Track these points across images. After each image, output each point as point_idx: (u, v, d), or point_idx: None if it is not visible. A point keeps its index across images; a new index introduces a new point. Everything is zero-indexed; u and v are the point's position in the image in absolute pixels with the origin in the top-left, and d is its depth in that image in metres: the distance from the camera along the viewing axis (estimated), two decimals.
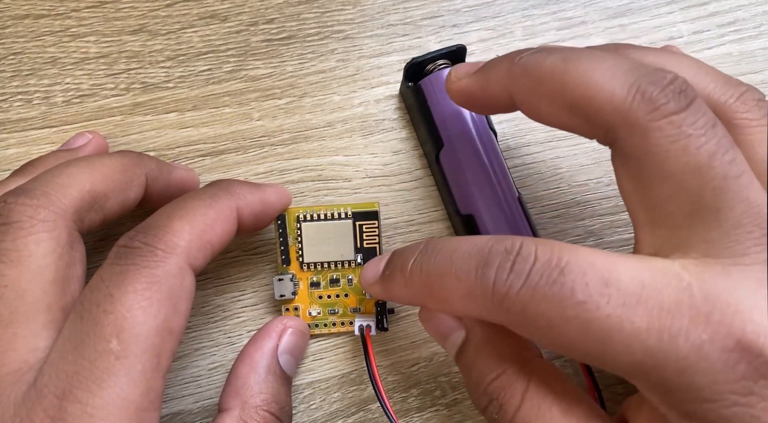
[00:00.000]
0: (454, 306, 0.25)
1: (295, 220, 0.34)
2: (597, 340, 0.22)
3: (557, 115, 0.25)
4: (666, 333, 0.21)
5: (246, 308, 0.36)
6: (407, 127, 0.38)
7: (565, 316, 0.22)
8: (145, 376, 0.24)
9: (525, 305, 0.23)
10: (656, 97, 0.23)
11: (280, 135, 0.38)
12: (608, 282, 0.22)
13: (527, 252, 0.23)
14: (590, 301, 0.22)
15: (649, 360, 0.22)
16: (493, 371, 0.27)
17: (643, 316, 0.22)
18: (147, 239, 0.26)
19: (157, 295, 0.25)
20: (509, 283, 0.23)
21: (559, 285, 0.22)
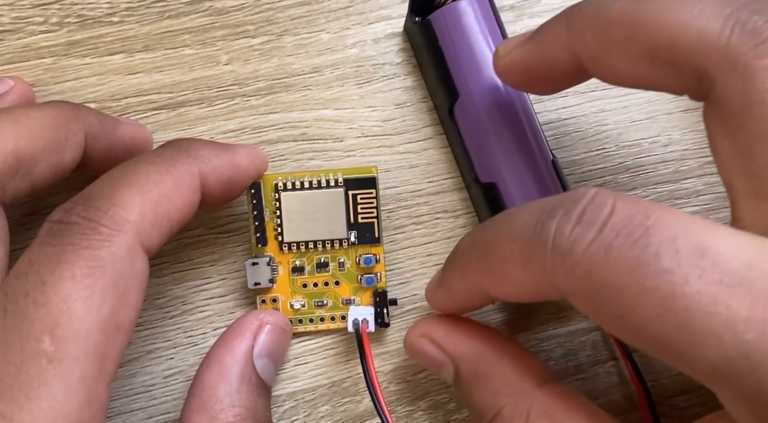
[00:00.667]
0: (513, 281, 0.25)
1: (273, 189, 0.34)
2: (678, 324, 0.21)
3: (637, 69, 0.25)
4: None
5: (212, 300, 0.36)
6: (413, 74, 0.38)
7: (643, 287, 0.21)
8: (86, 384, 0.24)
9: (592, 267, 0.22)
10: (762, 27, 0.22)
11: (254, 83, 0.37)
12: (705, 252, 0.21)
13: (602, 201, 0.23)
14: (678, 272, 0.21)
15: (742, 359, 0.21)
16: (488, 411, 0.28)
17: (745, 301, 0.21)
18: (88, 213, 0.26)
19: (100, 283, 0.25)
20: (574, 236, 0.23)
21: (642, 247, 0.21)
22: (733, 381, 0.21)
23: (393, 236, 0.37)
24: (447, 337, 0.31)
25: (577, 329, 0.37)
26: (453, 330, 0.31)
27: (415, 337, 0.32)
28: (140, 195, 0.27)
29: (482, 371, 0.29)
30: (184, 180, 0.29)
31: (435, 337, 0.31)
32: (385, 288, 0.35)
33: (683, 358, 0.21)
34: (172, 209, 0.28)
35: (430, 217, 0.37)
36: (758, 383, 0.21)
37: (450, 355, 0.30)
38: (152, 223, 0.27)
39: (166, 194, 0.28)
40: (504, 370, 0.29)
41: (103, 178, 0.28)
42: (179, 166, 0.29)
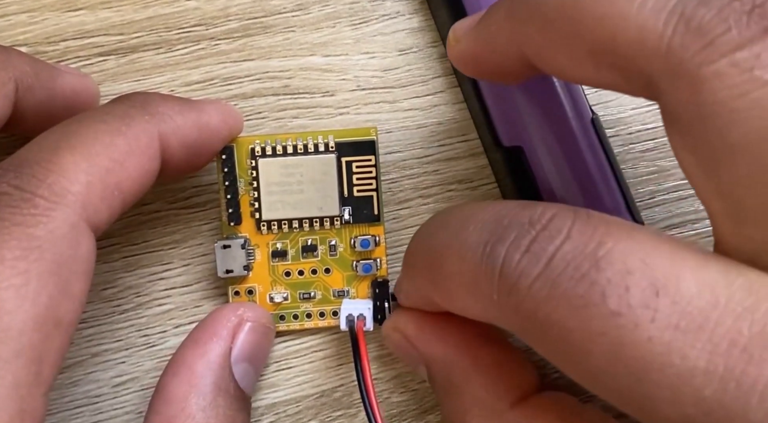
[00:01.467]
0: (457, 300, 0.26)
1: (249, 155, 0.35)
2: (630, 375, 0.21)
3: (583, 70, 0.25)
4: (734, 382, 0.20)
5: (172, 291, 0.36)
6: (421, 12, 0.38)
7: (590, 331, 0.22)
8: (18, 393, 0.24)
9: (538, 305, 0.23)
10: (709, 23, 0.22)
11: (225, 23, 0.37)
12: (661, 289, 0.21)
13: (558, 226, 0.23)
14: (627, 315, 0.21)
15: (703, 418, 0.21)
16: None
17: (704, 349, 0.21)
18: (20, 181, 0.25)
19: (36, 268, 0.24)
20: (521, 268, 0.23)
21: (588, 283, 0.22)
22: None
23: (395, 212, 0.37)
24: (419, 334, 0.32)
25: None
26: (426, 327, 0.32)
27: (388, 330, 0.33)
28: (86, 160, 0.27)
29: (453, 382, 0.30)
30: (141, 142, 0.29)
31: (407, 334, 0.32)
32: (386, 277, 0.35)
33: (642, 412, 0.22)
34: (125, 178, 0.28)
35: (440, 189, 0.37)
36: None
37: (422, 356, 0.31)
38: (100, 194, 0.27)
39: (118, 160, 0.28)
40: (476, 386, 0.29)
41: (39, 139, 0.28)
42: (134, 125, 0.29)
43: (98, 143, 0.28)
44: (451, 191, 0.37)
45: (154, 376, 0.35)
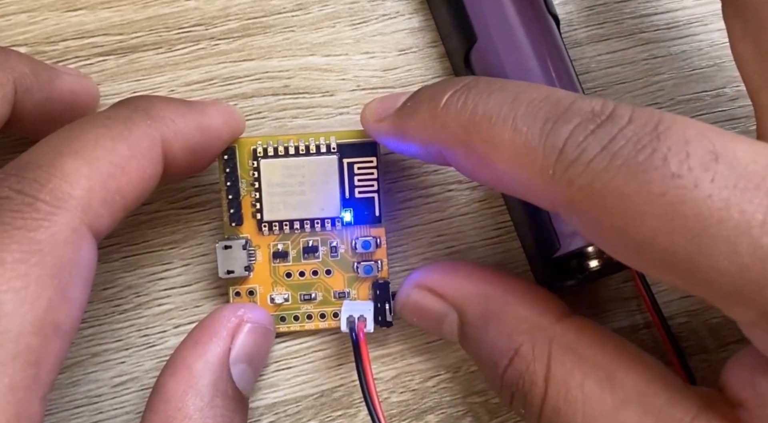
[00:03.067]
0: (496, 161, 0.26)
1: (251, 155, 0.34)
2: (688, 233, 0.22)
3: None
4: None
5: (172, 291, 0.36)
6: (421, 12, 0.38)
7: (649, 194, 0.23)
8: (15, 396, 0.24)
9: (595, 176, 0.24)
10: None
11: (225, 23, 0.37)
12: (719, 156, 0.23)
13: (621, 114, 0.24)
14: (688, 176, 0.22)
15: (760, 266, 0.22)
16: (503, 355, 0.29)
17: (761, 204, 0.22)
18: (22, 185, 0.25)
19: (36, 272, 0.24)
20: (584, 146, 0.24)
21: (650, 151, 0.23)
22: (751, 294, 0.22)
23: (395, 213, 0.37)
24: (445, 281, 0.32)
25: (622, 327, 0.37)
26: (451, 273, 0.33)
27: (408, 291, 0.33)
28: (87, 165, 0.27)
29: (491, 312, 0.30)
30: (142, 147, 0.29)
31: (432, 285, 0.32)
32: (387, 278, 0.35)
33: (694, 272, 0.23)
34: (127, 183, 0.28)
35: (440, 189, 0.37)
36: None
37: (451, 301, 0.32)
38: (102, 199, 0.27)
39: (120, 164, 0.28)
40: (518, 307, 0.30)
41: (42, 144, 0.28)
42: (136, 129, 0.29)
43: (100, 148, 0.28)
44: (451, 191, 0.37)
45: (154, 376, 0.34)
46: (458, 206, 0.37)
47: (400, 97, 0.31)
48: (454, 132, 0.27)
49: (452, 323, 0.31)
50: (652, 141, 0.23)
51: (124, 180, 0.28)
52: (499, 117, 0.26)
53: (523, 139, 0.25)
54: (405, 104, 0.30)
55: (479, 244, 0.37)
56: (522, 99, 0.26)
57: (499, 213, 0.37)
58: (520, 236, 0.37)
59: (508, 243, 0.37)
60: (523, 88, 0.26)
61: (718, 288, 0.23)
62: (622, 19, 0.38)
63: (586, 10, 0.37)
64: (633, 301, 0.37)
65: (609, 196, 0.23)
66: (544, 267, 0.35)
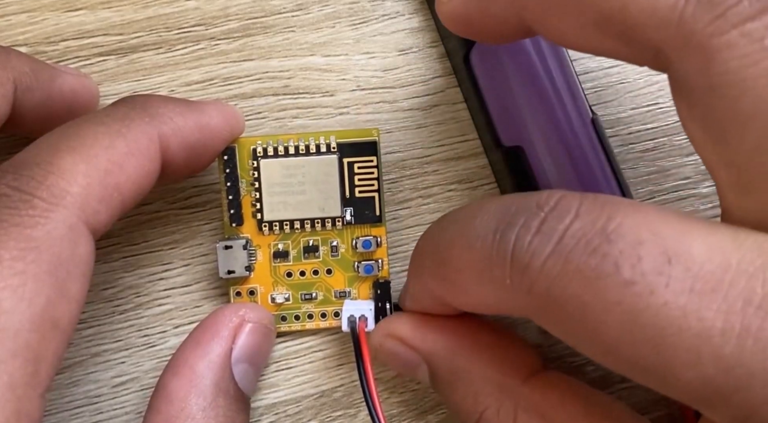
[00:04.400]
0: (469, 293, 0.27)
1: (251, 155, 0.34)
2: (648, 343, 0.22)
3: (586, 38, 0.26)
4: (751, 339, 0.21)
5: (172, 291, 0.36)
6: (421, 12, 0.38)
7: (605, 302, 0.22)
8: (14, 394, 0.24)
9: (552, 282, 0.23)
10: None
11: (225, 23, 0.37)
12: (673, 257, 0.22)
13: (566, 207, 0.24)
14: (641, 282, 0.22)
15: (724, 377, 0.21)
16: (469, 415, 0.30)
17: (720, 310, 0.21)
18: (19, 182, 0.25)
19: (34, 269, 0.24)
20: (533, 248, 0.24)
21: (600, 256, 0.22)
22: (720, 402, 0.22)
23: (395, 213, 0.37)
24: (414, 333, 0.32)
25: None
26: (421, 325, 0.32)
27: (380, 339, 0.33)
28: (85, 162, 0.27)
29: (459, 369, 0.30)
30: (140, 144, 0.29)
31: (401, 335, 0.32)
32: (388, 278, 0.35)
33: (661, 380, 0.22)
34: (125, 180, 0.28)
35: (440, 189, 0.37)
36: (746, 403, 0.21)
37: (422, 354, 0.31)
38: (99, 196, 0.27)
39: (117, 161, 0.28)
40: (483, 366, 0.30)
41: (39, 141, 0.28)
42: (134, 126, 0.29)
43: (97, 145, 0.28)
44: (451, 191, 0.37)
45: (154, 376, 0.35)
46: (458, 206, 0.36)
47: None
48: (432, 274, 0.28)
49: (424, 374, 0.31)
50: (602, 243, 0.22)
51: (122, 177, 0.28)
52: (458, 242, 0.26)
53: (478, 254, 0.25)
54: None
55: None
56: (476, 214, 0.26)
57: None
58: None
59: None
60: (480, 204, 0.26)
61: (688, 396, 0.22)
62: None
63: None
64: None
65: (567, 304, 0.23)
66: None
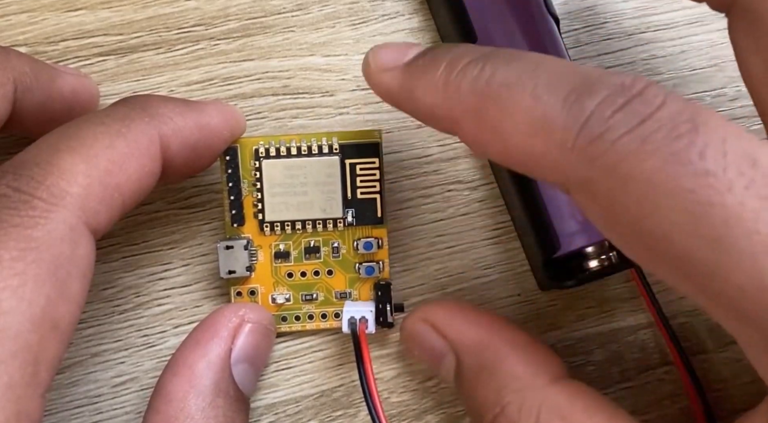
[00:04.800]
0: (506, 136, 0.26)
1: (253, 156, 0.34)
2: (710, 238, 0.22)
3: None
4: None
5: (172, 291, 0.36)
6: (421, 12, 0.38)
7: (677, 187, 0.22)
8: (14, 394, 0.24)
9: (623, 158, 0.23)
10: None
11: (225, 23, 0.37)
12: (756, 161, 0.22)
13: (654, 94, 0.23)
14: (722, 177, 0.21)
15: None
16: (489, 411, 0.29)
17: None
18: (19, 183, 0.25)
19: (34, 270, 0.24)
20: (612, 123, 0.23)
21: (686, 142, 0.22)
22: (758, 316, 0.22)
23: (395, 213, 0.37)
24: (450, 322, 0.32)
25: (623, 327, 0.37)
26: (458, 315, 0.32)
27: (414, 321, 0.33)
28: (85, 162, 0.27)
29: (487, 363, 0.30)
30: (141, 144, 0.29)
31: (437, 322, 0.32)
32: (389, 279, 0.35)
33: (708, 281, 0.22)
34: (125, 180, 0.28)
35: (441, 190, 0.37)
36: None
37: (452, 343, 0.31)
38: (100, 197, 0.27)
39: (118, 161, 0.28)
40: (512, 363, 0.30)
41: (39, 142, 0.28)
42: (134, 127, 0.29)
43: (97, 145, 0.28)
44: (451, 191, 0.37)
45: (154, 376, 0.35)
46: (458, 206, 0.37)
47: (410, 49, 0.30)
48: (467, 99, 0.26)
49: (449, 365, 0.31)
50: (689, 132, 0.22)
51: (123, 177, 0.28)
52: (518, 84, 0.25)
53: (542, 107, 0.24)
54: (416, 60, 0.29)
55: (479, 244, 0.37)
56: (544, 68, 0.25)
57: (499, 213, 0.37)
58: (520, 236, 0.37)
59: (508, 243, 0.37)
60: (546, 59, 0.26)
61: (729, 302, 0.22)
62: (622, 19, 0.38)
63: (586, 10, 0.37)
64: (634, 300, 0.37)
65: (632, 182, 0.23)
66: (544, 267, 0.35)
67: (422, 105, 0.28)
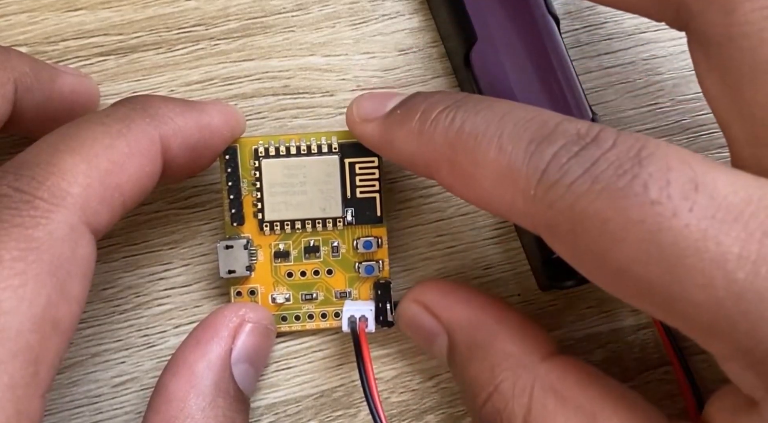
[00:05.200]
0: (477, 185, 0.27)
1: (252, 155, 0.35)
2: (663, 262, 0.23)
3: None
4: (766, 267, 0.22)
5: (172, 291, 0.36)
6: (421, 12, 0.38)
7: (627, 220, 0.23)
8: (14, 394, 0.24)
9: (576, 199, 0.24)
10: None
11: (225, 23, 0.38)
12: (699, 185, 0.23)
13: (605, 138, 0.25)
14: (666, 204, 0.23)
15: (733, 301, 0.22)
16: (483, 389, 0.30)
17: (738, 237, 0.22)
18: (20, 183, 0.26)
19: (34, 269, 0.25)
20: (566, 169, 0.24)
21: (630, 177, 0.23)
22: (726, 328, 0.22)
23: (396, 213, 0.37)
24: (441, 301, 0.32)
25: (623, 327, 0.37)
26: (449, 295, 0.32)
27: (407, 304, 0.33)
28: (85, 162, 0.27)
29: (479, 342, 0.30)
30: (141, 145, 0.29)
31: (428, 302, 0.32)
32: (389, 278, 0.35)
33: (670, 304, 0.23)
34: (126, 181, 0.28)
35: (440, 190, 0.37)
36: (753, 329, 0.22)
37: (444, 322, 0.32)
38: (100, 197, 0.27)
39: (118, 162, 0.28)
40: (504, 341, 0.30)
41: (40, 142, 0.28)
42: (134, 127, 0.29)
43: (98, 145, 0.28)
44: None
45: (154, 376, 0.35)
46: (458, 206, 0.37)
47: (390, 98, 0.31)
48: (440, 148, 0.28)
49: (442, 345, 0.32)
50: (633, 167, 0.23)
51: (123, 178, 0.28)
52: (485, 136, 0.27)
53: (507, 159, 0.26)
54: (395, 111, 0.30)
55: (479, 244, 0.37)
56: (509, 118, 0.27)
57: None
58: (520, 236, 0.37)
59: (508, 243, 0.38)
60: (511, 108, 0.27)
61: (693, 321, 0.23)
62: (623, 19, 0.38)
63: (586, 10, 0.37)
64: None
65: (587, 220, 0.24)
66: (543, 267, 0.35)
67: (401, 153, 0.30)
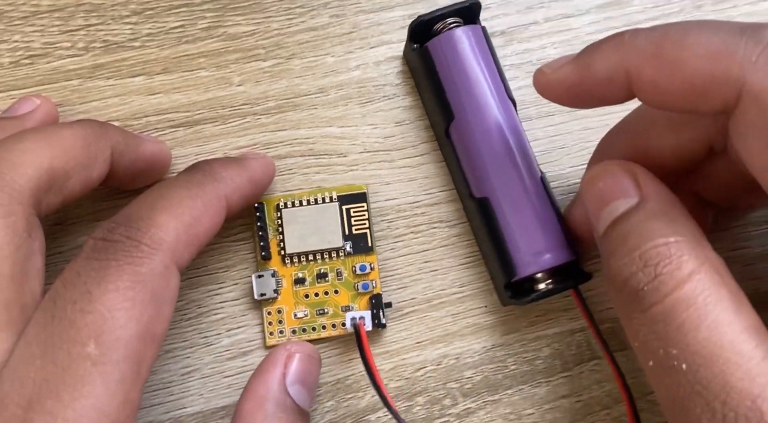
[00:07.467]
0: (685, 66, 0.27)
1: (275, 208, 0.38)
2: None
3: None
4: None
5: (225, 303, 0.39)
6: (412, 94, 0.41)
7: None
8: (124, 387, 0.26)
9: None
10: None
11: (265, 103, 0.40)
12: None
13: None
14: None
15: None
16: (663, 237, 0.28)
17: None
18: (130, 232, 0.28)
19: (140, 296, 0.27)
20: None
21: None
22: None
23: (392, 244, 0.40)
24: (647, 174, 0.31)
25: (563, 330, 0.39)
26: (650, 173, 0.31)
27: (613, 164, 0.32)
28: (175, 218, 0.29)
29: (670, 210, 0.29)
30: (212, 203, 0.31)
31: (635, 170, 0.31)
32: (380, 292, 0.38)
33: None
34: (202, 231, 0.30)
35: (427, 227, 0.40)
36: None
37: (643, 189, 0.30)
38: (185, 243, 0.29)
39: (197, 217, 0.30)
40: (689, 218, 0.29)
41: (141, 200, 0.30)
42: (207, 189, 0.31)
43: (183, 205, 0.30)
44: (435, 229, 0.40)
45: (212, 367, 0.38)
46: (440, 240, 0.40)
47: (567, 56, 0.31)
48: (645, 47, 0.27)
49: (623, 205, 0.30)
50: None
51: (201, 229, 0.30)
52: (693, 25, 0.26)
53: (722, 36, 0.25)
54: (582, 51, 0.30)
55: (456, 267, 0.39)
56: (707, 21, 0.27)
57: (470, 245, 0.39)
58: (486, 264, 0.39)
59: (477, 268, 0.39)
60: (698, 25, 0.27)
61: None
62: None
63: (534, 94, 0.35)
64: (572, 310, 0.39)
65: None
66: (504, 288, 0.37)
67: (600, 70, 0.29)
